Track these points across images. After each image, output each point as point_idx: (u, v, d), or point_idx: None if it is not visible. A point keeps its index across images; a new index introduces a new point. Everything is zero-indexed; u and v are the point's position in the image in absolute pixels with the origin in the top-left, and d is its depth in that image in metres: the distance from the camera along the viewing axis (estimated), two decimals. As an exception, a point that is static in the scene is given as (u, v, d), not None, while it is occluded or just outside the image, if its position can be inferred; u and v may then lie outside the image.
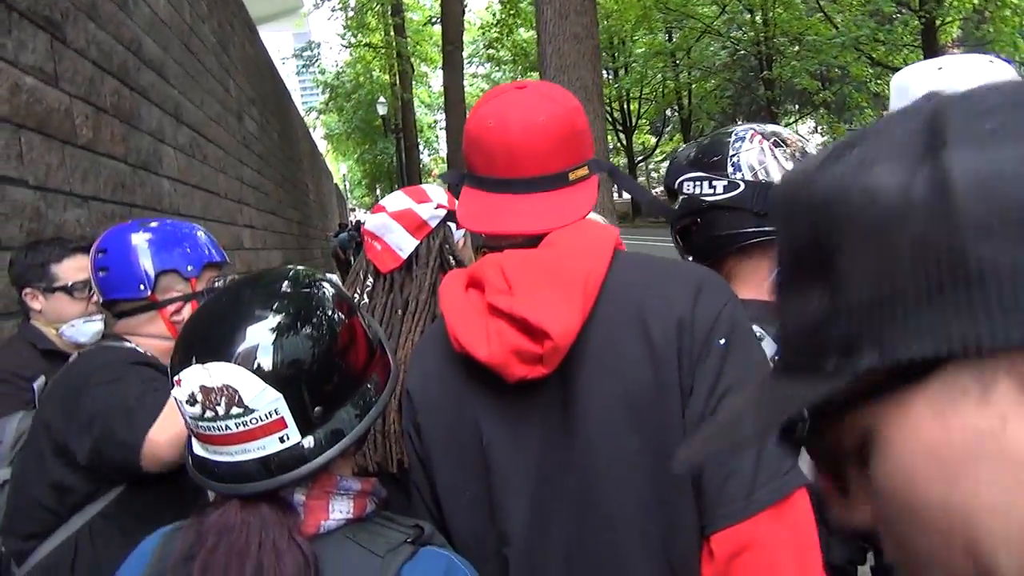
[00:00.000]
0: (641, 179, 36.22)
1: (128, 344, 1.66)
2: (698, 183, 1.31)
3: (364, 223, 1.72)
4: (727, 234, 1.28)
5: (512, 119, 1.01)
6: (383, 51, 21.92)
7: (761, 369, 0.96)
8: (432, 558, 0.88)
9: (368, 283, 1.66)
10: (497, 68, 29.70)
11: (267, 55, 12.09)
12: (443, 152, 40.10)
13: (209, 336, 0.87)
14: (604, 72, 23.36)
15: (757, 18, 20.89)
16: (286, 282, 0.93)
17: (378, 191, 43.37)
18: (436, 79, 35.61)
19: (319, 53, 22.56)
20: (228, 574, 0.82)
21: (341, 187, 45.68)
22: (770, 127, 1.34)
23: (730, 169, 1.28)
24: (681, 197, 1.35)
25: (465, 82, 15.44)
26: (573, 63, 5.06)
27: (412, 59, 21.84)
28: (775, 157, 1.27)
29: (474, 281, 1.04)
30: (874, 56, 17.28)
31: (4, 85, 2.65)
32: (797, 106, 26.93)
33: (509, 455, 1.01)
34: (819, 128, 29.81)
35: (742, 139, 1.30)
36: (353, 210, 53.25)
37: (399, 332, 1.51)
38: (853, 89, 21.25)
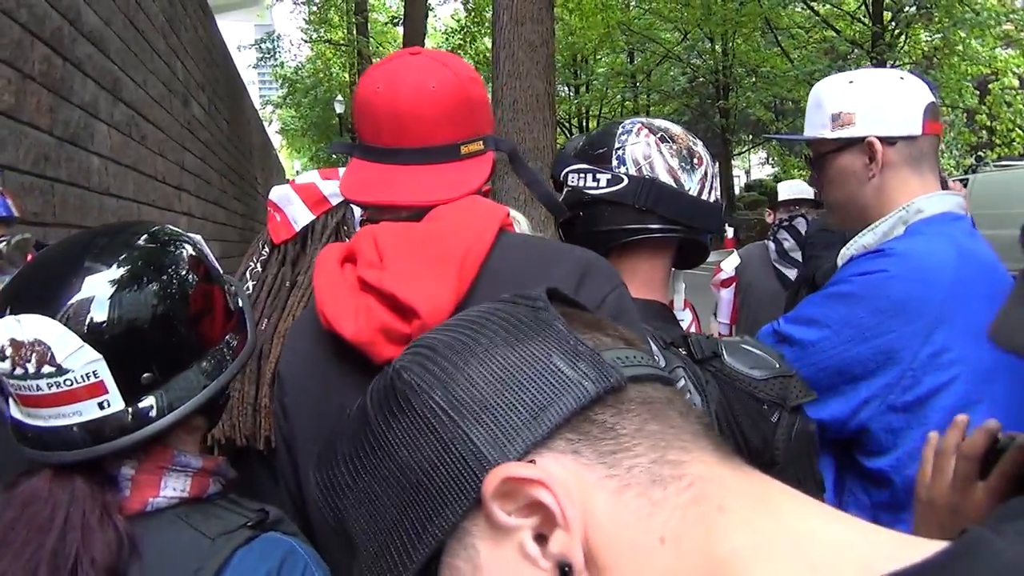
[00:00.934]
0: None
1: None
2: (582, 175, 1.26)
3: (270, 196, 1.67)
4: (608, 230, 1.24)
5: (401, 84, 0.95)
6: (344, 49, 21.72)
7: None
8: (271, 544, 0.81)
9: (264, 253, 1.61)
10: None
11: (222, 41, 11.82)
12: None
13: (33, 284, 0.78)
14: (565, 88, 23.56)
15: (717, 47, 21.32)
16: (144, 236, 0.85)
17: (331, 190, 42.83)
18: (397, 82, 35.41)
19: (278, 45, 22.21)
20: (24, 551, 0.73)
21: (294, 184, 44.99)
22: (660, 122, 1.31)
23: (615, 162, 1.24)
24: (566, 189, 1.30)
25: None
26: (527, 71, 5.03)
27: (373, 59, 21.65)
28: (661, 153, 1.23)
29: (350, 255, 0.97)
30: (825, 93, 17.73)
31: (-88, 38, 2.48)
32: (751, 136, 27.54)
33: None
34: (770, 159, 30.52)
35: (629, 132, 1.26)
36: (305, 208, 52.40)
37: (283, 306, 1.45)
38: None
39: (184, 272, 0.83)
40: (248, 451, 1.34)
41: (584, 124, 29.86)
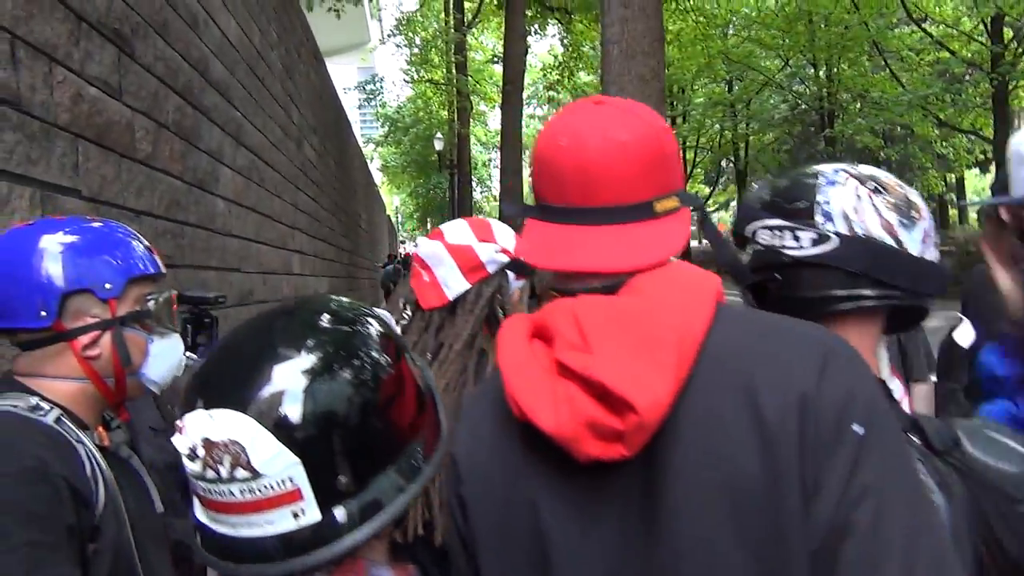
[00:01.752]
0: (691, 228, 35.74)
1: (30, 399, 1.20)
2: (779, 233, 1.09)
3: (416, 249, 1.59)
4: (814, 297, 1.06)
5: (589, 137, 0.86)
6: (444, 87, 22.25)
7: (908, 467, 0.77)
8: None
9: (405, 314, 1.52)
10: (555, 110, 29.96)
11: (331, 85, 12.30)
12: (495, 191, 40.41)
13: (224, 375, 0.71)
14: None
15: (821, 73, 20.68)
16: (325, 315, 0.77)
17: (428, 224, 43.81)
18: (493, 118, 36.09)
19: (382, 87, 23.02)
20: None
21: (393, 219, 46.31)
22: (865, 169, 1.12)
23: (819, 218, 1.06)
24: (755, 248, 1.13)
25: (523, 122, 15.51)
26: (638, 104, 4.94)
27: (471, 97, 22.12)
28: (874, 206, 1.05)
29: (540, 331, 0.86)
30: (941, 116, 16.88)
31: (67, 94, 2.63)
32: (857, 163, 26.43)
33: (573, 550, 0.82)
34: (879, 187, 29.09)
35: (833, 183, 1.08)
36: (403, 242, 53.90)
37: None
38: (918, 149, 20.79)
39: (375, 354, 0.75)
40: (412, 546, 1.25)
41: (682, 155, 29.35)
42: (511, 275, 1.53)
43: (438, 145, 24.37)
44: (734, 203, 31.76)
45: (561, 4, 15.32)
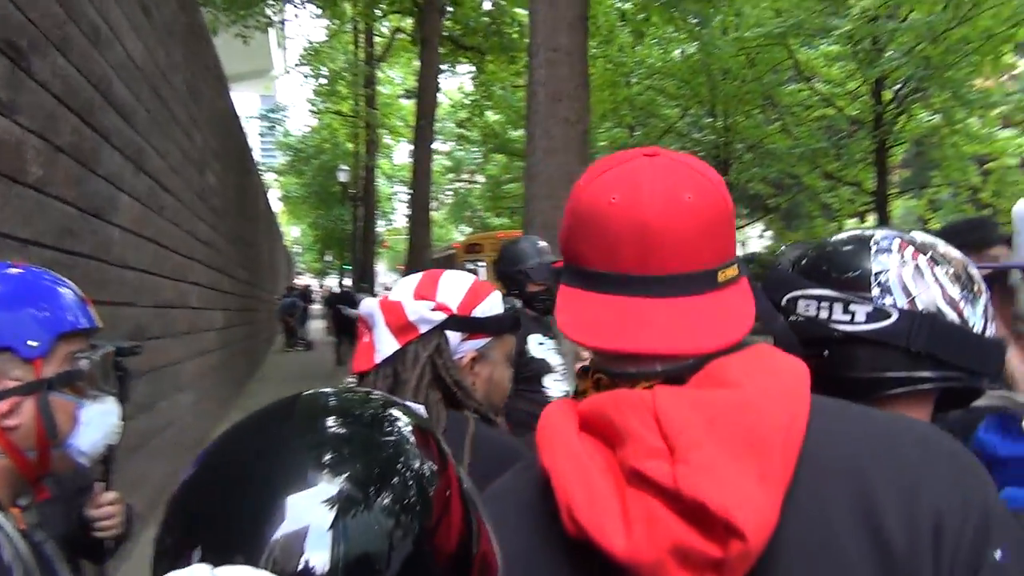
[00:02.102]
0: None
1: None
2: (825, 304, 0.98)
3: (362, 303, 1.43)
4: (868, 378, 0.95)
5: (647, 193, 0.73)
6: (352, 119, 21.91)
7: None
8: None
9: (350, 380, 1.34)
10: (459, 147, 30.01)
11: (235, 111, 11.86)
12: (396, 224, 39.95)
13: (222, 511, 0.52)
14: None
15: (718, 123, 21.63)
16: (344, 417, 0.59)
17: (328, 257, 42.79)
18: (398, 152, 35.83)
19: (286, 116, 22.49)
20: None
21: (291, 250, 45.04)
22: (919, 236, 1.02)
23: (875, 290, 0.95)
24: (794, 319, 1.02)
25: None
26: (562, 147, 4.92)
27: (378, 130, 21.87)
28: (937, 279, 0.95)
29: (595, 425, 0.72)
30: (828, 169, 17.90)
31: (-50, 109, 2.33)
32: (748, 210, 27.75)
33: None
34: (767, 232, 30.72)
35: (887, 250, 0.97)
36: (300, 274, 52.39)
37: None
38: (806, 198, 21.96)
39: (417, 463, 0.56)
40: None
41: (584, 196, 29.84)
42: (454, 336, 1.35)
43: (342, 177, 23.90)
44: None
45: (475, 44, 15.41)
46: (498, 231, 22.85)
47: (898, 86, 15.73)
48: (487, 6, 15.44)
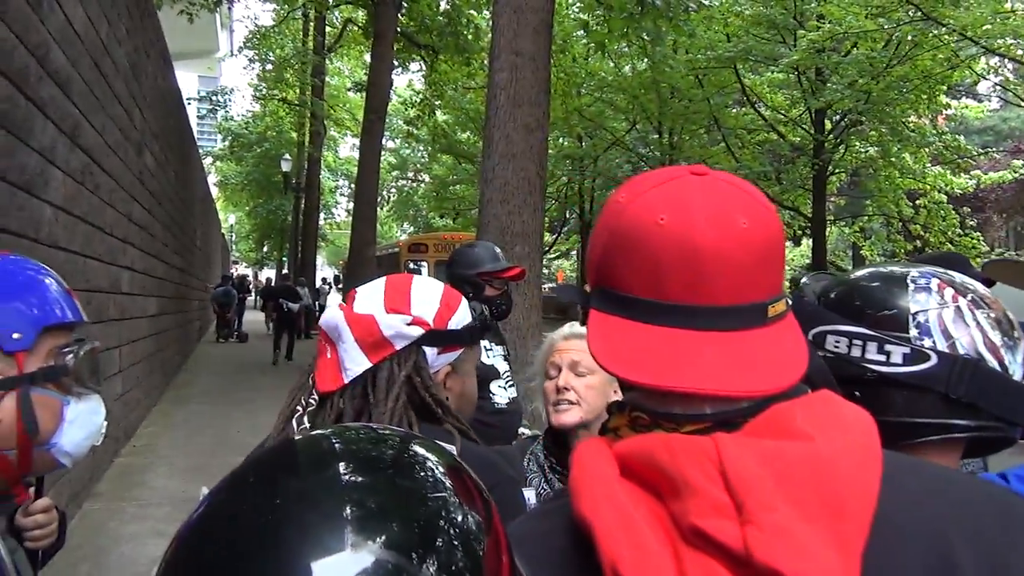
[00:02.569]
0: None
1: None
2: (858, 342, 0.92)
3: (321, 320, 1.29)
4: (902, 422, 0.90)
5: (702, 217, 0.67)
6: (298, 108, 21.42)
7: None
8: None
9: (313, 400, 1.20)
10: (407, 146, 29.71)
11: (178, 91, 11.44)
12: (338, 218, 39.23)
13: None
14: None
15: (664, 139, 21.97)
16: (376, 466, 0.49)
17: (265, 247, 41.74)
18: (343, 146, 35.23)
19: (230, 99, 21.76)
20: None
21: (227, 238, 43.81)
22: (958, 276, 0.96)
23: (913, 331, 0.90)
24: (821, 355, 0.96)
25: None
26: (521, 152, 4.86)
27: (326, 122, 21.44)
28: (977, 322, 0.90)
29: (640, 472, 0.65)
30: (769, 193, 18.38)
31: None
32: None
33: None
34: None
35: (926, 290, 0.92)
36: (236, 263, 50.99)
37: None
38: (745, 220, 22.47)
39: (460, 517, 0.47)
40: None
41: (529, 202, 30.03)
42: (431, 351, 1.25)
43: (285, 166, 23.34)
44: (575, 252, 32.74)
45: (429, 42, 15.23)
46: (442, 232, 22.72)
47: (838, 117, 16.25)
48: (444, 5, 15.30)
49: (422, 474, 0.50)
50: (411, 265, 15.43)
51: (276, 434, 1.16)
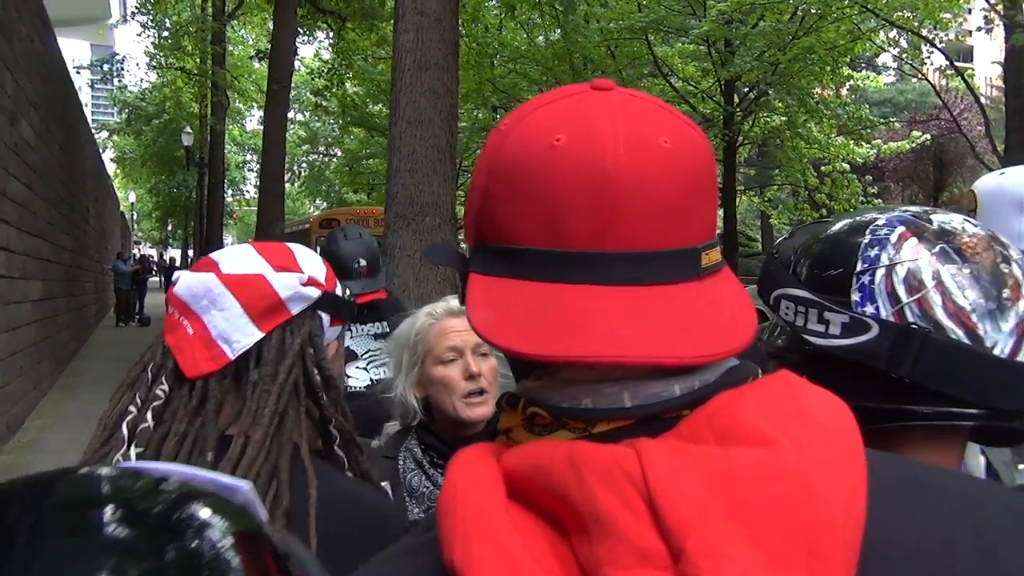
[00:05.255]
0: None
1: None
2: (802, 309, 0.77)
3: (174, 283, 1.06)
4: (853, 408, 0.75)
5: (611, 133, 0.50)
6: (197, 79, 20.33)
7: None
8: None
9: (161, 392, 0.97)
10: (317, 119, 28.77)
11: (61, 58, 10.60)
12: (248, 195, 37.80)
13: None
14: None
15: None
16: (110, 512, 0.35)
17: (169, 226, 39.92)
18: (251, 119, 33.82)
19: (123, 68, 20.42)
20: None
21: (128, 216, 41.67)
22: (941, 217, 0.77)
23: (856, 295, 0.74)
24: (777, 319, 0.82)
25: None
26: (428, 118, 4.62)
27: (228, 93, 20.42)
28: (941, 281, 0.72)
29: (535, 496, 0.47)
30: (680, 164, 18.66)
31: None
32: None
33: None
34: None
35: (881, 243, 0.75)
36: (138, 243, 48.69)
37: None
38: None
39: None
40: None
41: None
42: (324, 318, 1.06)
43: (186, 140, 22.21)
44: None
45: (335, 8, 14.62)
46: (355, 207, 22.13)
47: (747, 88, 16.55)
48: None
49: (199, 543, 0.32)
50: (322, 240, 14.96)
51: (99, 446, 0.93)
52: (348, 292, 1.15)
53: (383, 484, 1.36)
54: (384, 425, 1.78)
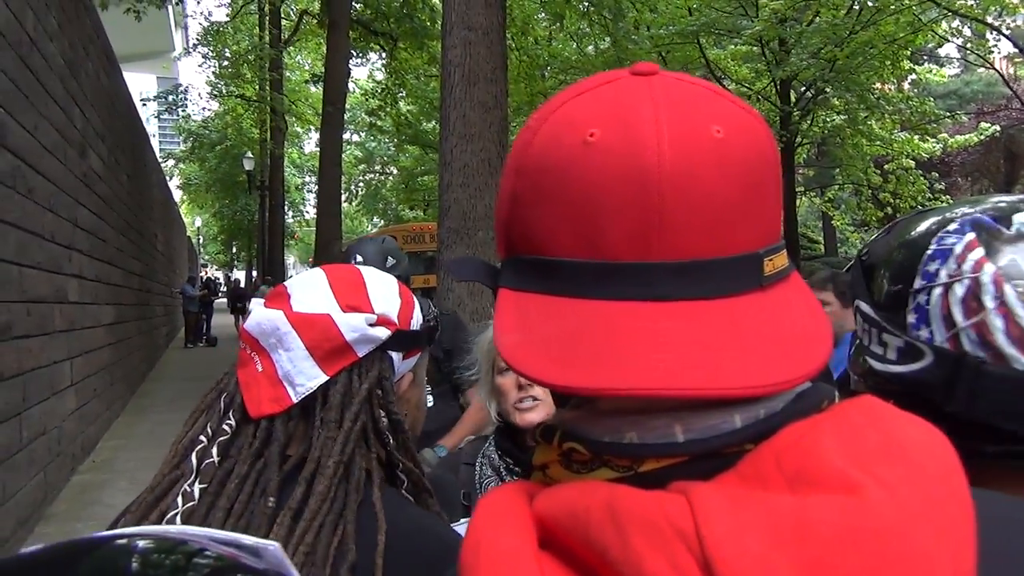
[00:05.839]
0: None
1: None
2: (865, 326, 0.70)
3: (245, 321, 1.04)
4: None
5: (653, 125, 0.43)
6: (256, 105, 20.91)
7: None
8: None
9: (227, 427, 0.93)
10: (373, 138, 29.23)
11: (127, 92, 11.01)
12: (308, 215, 38.62)
13: None
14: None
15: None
16: None
17: (234, 248, 41.09)
18: (308, 141, 34.61)
19: (186, 98, 21.17)
20: None
21: (194, 240, 43.07)
22: (1017, 221, 0.64)
23: (911, 317, 0.66)
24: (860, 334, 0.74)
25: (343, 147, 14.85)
26: (479, 132, 4.62)
27: (287, 117, 20.94)
28: (1001, 301, 0.61)
29: (570, 547, 0.41)
30: (737, 167, 18.29)
31: None
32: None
33: None
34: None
35: (943, 255, 0.65)
36: (205, 266, 50.20)
37: (265, 535, 0.80)
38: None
39: None
40: None
41: (499, 189, 29.70)
42: (395, 356, 1.00)
43: (248, 165, 22.85)
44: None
45: (386, 29, 14.87)
46: (412, 223, 22.36)
47: (804, 87, 16.15)
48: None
49: None
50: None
51: (168, 471, 0.91)
52: (426, 308, 1.11)
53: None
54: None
